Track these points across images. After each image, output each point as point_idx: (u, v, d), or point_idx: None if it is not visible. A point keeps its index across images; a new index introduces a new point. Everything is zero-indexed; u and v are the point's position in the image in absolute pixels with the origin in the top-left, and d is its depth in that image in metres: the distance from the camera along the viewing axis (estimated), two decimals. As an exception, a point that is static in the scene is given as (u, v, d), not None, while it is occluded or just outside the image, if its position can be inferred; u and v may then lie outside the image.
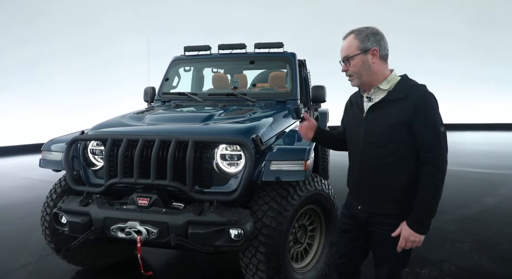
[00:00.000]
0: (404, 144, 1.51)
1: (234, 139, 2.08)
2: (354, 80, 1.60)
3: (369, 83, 1.58)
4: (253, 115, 2.61)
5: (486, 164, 6.00)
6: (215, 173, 2.15)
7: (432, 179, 1.46)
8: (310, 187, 2.30)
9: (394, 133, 1.51)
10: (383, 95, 1.56)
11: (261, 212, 2.11)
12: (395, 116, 1.50)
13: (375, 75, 1.56)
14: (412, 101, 1.47)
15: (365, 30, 1.56)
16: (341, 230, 1.80)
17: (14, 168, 6.84)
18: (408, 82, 1.56)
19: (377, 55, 1.54)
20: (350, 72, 1.59)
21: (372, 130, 1.57)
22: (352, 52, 1.56)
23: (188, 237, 1.92)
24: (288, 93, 3.37)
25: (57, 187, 2.63)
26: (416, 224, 1.50)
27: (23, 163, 7.26)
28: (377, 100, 1.57)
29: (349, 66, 1.58)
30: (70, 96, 9.00)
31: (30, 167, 6.85)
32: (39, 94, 8.62)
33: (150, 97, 3.67)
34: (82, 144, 2.38)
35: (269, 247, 2.05)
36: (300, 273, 2.31)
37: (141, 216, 1.98)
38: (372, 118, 1.57)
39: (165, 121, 2.48)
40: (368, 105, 1.60)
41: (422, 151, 1.49)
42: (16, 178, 5.96)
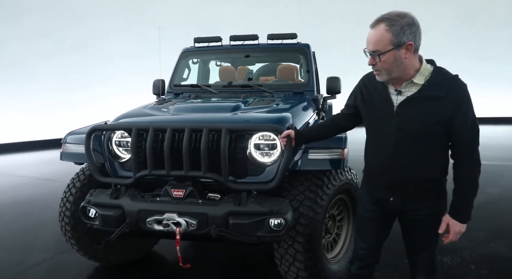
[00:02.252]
0: (440, 139, 1.50)
1: (271, 127, 2.05)
2: (382, 75, 1.48)
3: (399, 78, 1.48)
4: (279, 105, 2.58)
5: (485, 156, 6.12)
6: (249, 163, 2.11)
7: (472, 172, 1.50)
8: (342, 177, 2.29)
9: (432, 130, 1.47)
10: (416, 89, 1.47)
11: (297, 202, 2.09)
12: (435, 114, 1.45)
13: (406, 70, 1.45)
14: (454, 99, 1.43)
15: (399, 20, 1.38)
16: (369, 217, 1.72)
17: (8, 166, 6.58)
18: (443, 75, 1.48)
19: (411, 49, 1.41)
20: (378, 67, 1.46)
21: (407, 127, 1.49)
22: (383, 47, 1.40)
23: (229, 227, 1.88)
24: (304, 84, 3.35)
25: (75, 182, 2.53)
26: (462, 216, 1.54)
27: (15, 161, 7.00)
28: (410, 95, 1.48)
29: (378, 61, 1.43)
30: (54, 95, 8.72)
31: (24, 165, 6.62)
32: (23, 93, 8.32)
33: (161, 89, 3.57)
34: (106, 136, 2.29)
35: (307, 237, 2.03)
36: (332, 263, 2.30)
37: (178, 208, 1.92)
38: (406, 114, 1.49)
39: (192, 111, 2.41)
40: (399, 99, 1.51)
41: (459, 145, 1.50)
42: (12, 177, 5.74)
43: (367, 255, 1.76)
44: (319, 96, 3.35)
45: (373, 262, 1.80)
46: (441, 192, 1.59)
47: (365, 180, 1.75)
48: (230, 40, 3.74)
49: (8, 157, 7.39)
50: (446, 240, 1.58)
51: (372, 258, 1.78)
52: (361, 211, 1.77)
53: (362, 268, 1.79)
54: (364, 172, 1.75)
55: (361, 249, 1.77)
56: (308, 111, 2.82)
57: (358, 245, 1.79)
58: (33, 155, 7.55)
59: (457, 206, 1.54)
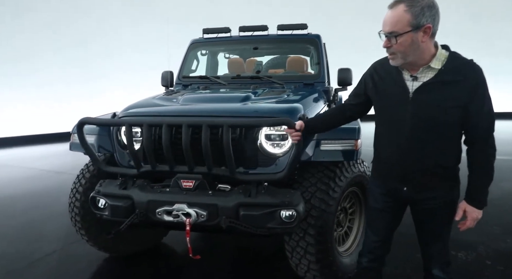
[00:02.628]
0: (455, 126, 1.46)
1: (281, 119, 2.00)
2: (397, 59, 1.43)
3: (414, 63, 1.44)
4: (290, 96, 2.53)
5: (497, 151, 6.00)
6: (260, 154, 2.07)
7: (487, 157, 1.48)
8: (355, 169, 2.24)
9: (448, 116, 1.43)
10: (433, 75, 1.44)
11: (309, 193, 2.05)
12: (452, 99, 1.41)
13: (422, 54, 1.41)
14: (471, 84, 1.40)
15: (419, 1, 1.34)
16: (380, 209, 1.68)
17: (16, 159, 6.65)
18: (459, 60, 1.44)
19: (429, 33, 1.36)
20: (393, 50, 1.41)
21: (423, 113, 1.45)
22: (401, 28, 1.35)
23: (240, 219, 1.84)
24: (315, 75, 3.28)
25: (85, 172, 2.52)
26: (479, 202, 1.52)
27: (23, 154, 7.07)
28: (426, 80, 1.44)
29: (394, 44, 1.38)
30: (63, 88, 8.75)
31: (34, 158, 6.68)
32: (27, 86, 8.37)
33: (169, 81, 3.54)
34: (116, 126, 2.27)
35: (318, 229, 1.99)
36: (344, 257, 2.26)
37: (188, 199, 1.90)
38: (422, 101, 1.44)
39: (201, 101, 2.38)
40: (414, 85, 1.46)
41: (475, 130, 1.46)
42: (20, 169, 5.80)
43: (378, 248, 1.73)
44: (330, 87, 3.28)
45: (384, 254, 1.77)
46: (455, 180, 1.56)
47: (375, 171, 1.70)
48: (239, 31, 3.68)
49: (19, 150, 7.47)
50: (463, 227, 1.56)
51: (383, 250, 1.75)
52: (372, 202, 1.72)
53: (373, 260, 1.75)
54: (374, 162, 1.71)
55: (372, 241, 1.73)
56: (319, 103, 2.76)
57: (369, 237, 1.75)
58: (44, 148, 7.62)
59: (473, 192, 1.53)
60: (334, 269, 2.10)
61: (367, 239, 1.78)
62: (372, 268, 1.77)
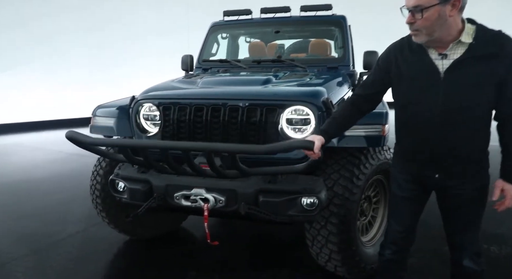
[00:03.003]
0: (489, 104, 1.36)
1: (303, 100, 1.91)
2: (421, 36, 1.32)
3: (439, 40, 1.33)
4: (313, 80, 2.42)
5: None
6: (280, 139, 1.98)
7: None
8: (381, 156, 2.12)
9: (483, 94, 1.33)
10: (463, 50, 1.33)
11: (331, 180, 1.96)
12: (488, 75, 1.31)
13: (449, 30, 1.31)
14: (506, 55, 1.29)
15: None
16: (404, 197, 1.57)
17: (45, 142, 6.87)
18: (488, 32, 1.34)
19: (458, 6, 1.27)
20: (418, 26, 1.30)
21: (457, 94, 1.34)
22: (427, 1, 1.25)
23: (259, 205, 1.78)
24: (339, 58, 3.13)
25: (105, 156, 2.52)
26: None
27: (51, 138, 7.30)
28: (458, 57, 1.33)
29: (419, 19, 1.28)
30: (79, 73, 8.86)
31: (60, 141, 6.88)
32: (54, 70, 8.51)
33: (189, 65, 3.49)
34: (134, 109, 2.24)
35: (341, 217, 1.91)
36: (367, 247, 2.17)
37: (206, 183, 1.85)
38: (455, 80, 1.33)
39: (221, 84, 2.31)
40: (444, 64, 1.35)
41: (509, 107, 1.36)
42: (49, 152, 5.99)
43: (402, 238, 1.63)
44: (355, 71, 3.13)
45: (408, 245, 1.67)
46: (486, 164, 1.48)
47: (400, 158, 1.59)
48: (260, 13, 3.56)
49: (48, 134, 7.72)
50: (501, 207, 1.46)
51: (407, 241, 1.65)
52: (395, 190, 1.61)
53: (397, 252, 1.65)
54: (398, 149, 1.60)
55: (396, 231, 1.63)
56: (343, 87, 2.63)
57: (392, 227, 1.65)
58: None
59: (510, 169, 1.42)
60: (357, 259, 2.02)
61: (390, 229, 1.67)
62: (396, 260, 1.67)
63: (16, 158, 5.68)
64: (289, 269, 2.34)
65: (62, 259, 2.51)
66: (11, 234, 2.91)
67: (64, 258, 2.53)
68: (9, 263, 2.46)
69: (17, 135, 7.54)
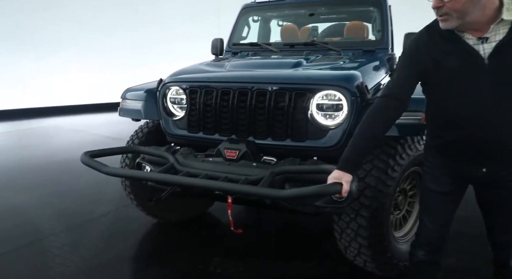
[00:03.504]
0: None
1: (335, 84, 1.78)
2: (451, 20, 1.17)
3: (474, 22, 1.17)
4: (347, 63, 2.27)
5: None
6: (310, 126, 1.88)
7: None
8: (419, 146, 1.95)
9: None
10: (506, 30, 1.16)
11: (363, 171, 1.83)
12: None
13: (483, 10, 1.15)
14: None
15: None
16: (442, 192, 1.40)
17: (84, 125, 7.18)
18: None
19: None
20: (447, 10, 1.16)
21: (504, 81, 1.19)
22: None
23: (285, 195, 1.70)
24: (377, 41, 2.92)
25: (134, 139, 2.54)
26: None
27: (90, 121, 7.61)
28: (499, 40, 1.17)
29: (447, 1, 1.14)
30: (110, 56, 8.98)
31: (97, 124, 7.15)
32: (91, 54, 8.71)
33: (219, 49, 3.41)
34: (161, 93, 2.22)
35: (372, 211, 1.79)
36: (400, 243, 2.04)
37: (231, 170, 1.79)
38: (501, 66, 1.18)
39: (249, 67, 2.22)
40: (486, 49, 1.19)
41: None
42: (86, 134, 6.24)
43: (437, 238, 1.48)
44: (393, 55, 2.92)
45: (443, 245, 1.51)
46: None
47: (438, 152, 1.41)
48: (293, -6, 3.39)
49: (88, 117, 8.05)
50: None
51: (442, 240, 1.49)
52: (431, 185, 1.44)
53: (431, 253, 1.50)
54: (435, 142, 1.41)
55: (431, 230, 1.47)
56: (380, 72, 2.45)
57: (426, 225, 1.48)
58: (108, 115, 8.08)
59: None
60: (389, 256, 1.90)
61: (423, 228, 1.51)
62: (430, 262, 1.51)
63: (55, 140, 5.98)
64: (315, 261, 2.26)
65: (93, 237, 2.59)
66: (50, 210, 3.06)
67: (96, 236, 2.62)
68: (47, 238, 2.58)
69: (58, 117, 7.92)
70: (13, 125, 7.13)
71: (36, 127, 6.96)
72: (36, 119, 7.65)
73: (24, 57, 7.83)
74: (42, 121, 7.55)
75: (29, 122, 7.38)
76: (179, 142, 2.17)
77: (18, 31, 7.71)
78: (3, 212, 3.01)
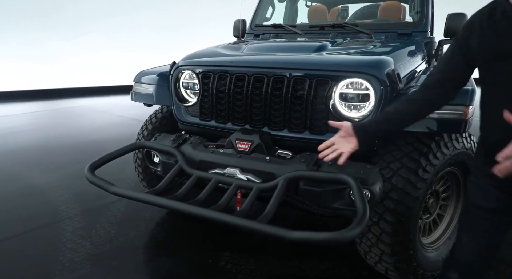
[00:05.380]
0: None
1: (363, 71, 1.57)
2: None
3: None
4: (377, 48, 2.02)
5: None
6: (331, 117, 1.68)
7: None
8: (458, 144, 1.71)
9: None
10: None
11: (390, 170, 1.62)
12: None
13: None
14: None
15: None
16: (491, 209, 1.16)
17: (112, 106, 7.29)
18: None
19: None
20: None
21: None
22: None
23: (299, 194, 1.54)
24: (414, 23, 2.62)
25: (148, 124, 2.46)
26: None
27: (117, 102, 7.71)
28: None
29: None
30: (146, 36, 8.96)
31: (122, 106, 7.23)
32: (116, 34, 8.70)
33: (241, 31, 3.22)
34: (174, 77, 2.08)
35: (398, 216, 1.58)
36: (428, 250, 1.83)
37: (241, 163, 1.65)
38: None
39: (268, 50, 2.03)
40: None
41: None
42: (113, 116, 6.32)
43: (476, 263, 1.24)
44: (433, 38, 2.61)
45: (483, 272, 1.28)
46: None
47: (490, 156, 1.13)
48: (323, -30, 3.11)
49: (115, 98, 8.17)
50: None
51: (482, 266, 1.25)
52: (477, 199, 1.20)
53: (467, 277, 1.26)
54: (486, 144, 1.18)
55: (470, 252, 1.23)
56: (416, 58, 2.18)
57: (464, 245, 1.25)
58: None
59: None
60: (415, 265, 1.70)
61: (461, 247, 1.27)
62: None
63: (84, 120, 6.09)
64: (332, 263, 2.10)
65: (106, 223, 2.57)
66: (68, 193, 3.08)
67: (108, 222, 2.59)
68: (62, 222, 2.58)
69: (87, 98, 8.09)
70: (46, 104, 7.37)
71: (66, 107, 7.15)
72: (68, 99, 7.88)
73: (54, 36, 7.99)
74: (73, 101, 7.76)
75: (61, 102, 7.60)
76: (191, 130, 2.05)
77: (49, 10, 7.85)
78: (26, 192, 3.06)
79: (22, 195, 3.01)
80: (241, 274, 2.01)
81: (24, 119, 5.94)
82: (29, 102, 7.48)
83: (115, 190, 1.54)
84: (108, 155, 1.76)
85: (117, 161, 3.49)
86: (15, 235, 2.37)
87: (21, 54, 7.75)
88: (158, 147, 1.85)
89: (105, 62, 8.67)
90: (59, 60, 8.20)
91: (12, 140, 4.66)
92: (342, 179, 1.36)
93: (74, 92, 8.34)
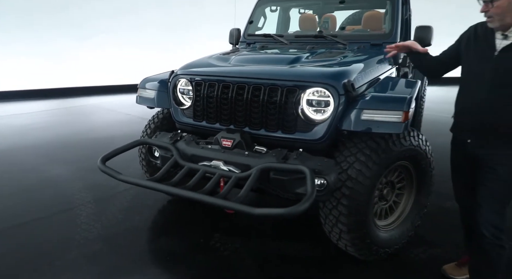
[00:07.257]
0: None
1: (324, 82, 1.91)
2: (495, 22, 1.56)
3: (508, 25, 1.54)
4: (344, 59, 2.36)
5: None
6: (299, 119, 2.04)
7: None
8: (405, 142, 2.05)
9: None
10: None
11: (347, 163, 1.97)
12: None
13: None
14: None
15: None
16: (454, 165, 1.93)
17: (120, 104, 7.68)
18: None
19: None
20: (491, 14, 1.54)
21: (505, 70, 1.55)
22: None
23: (270, 182, 1.90)
24: (385, 35, 2.94)
25: (151, 123, 2.83)
26: None
27: (126, 101, 8.11)
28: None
29: (491, 8, 1.53)
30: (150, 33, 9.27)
31: (129, 105, 7.63)
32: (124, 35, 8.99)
33: (236, 39, 3.58)
34: (172, 83, 2.46)
35: (352, 200, 1.94)
36: (383, 231, 2.18)
37: (224, 157, 2.02)
38: (506, 58, 1.55)
39: (251, 62, 2.39)
40: (503, 43, 1.57)
41: None
42: (120, 114, 6.72)
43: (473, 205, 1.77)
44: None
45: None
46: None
47: (453, 125, 1.84)
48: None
49: (124, 97, 8.57)
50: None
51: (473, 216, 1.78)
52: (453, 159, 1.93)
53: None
54: (454, 114, 1.84)
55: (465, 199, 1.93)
56: (381, 66, 2.52)
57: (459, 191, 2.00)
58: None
59: None
60: (367, 242, 2.05)
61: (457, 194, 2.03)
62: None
63: (93, 117, 6.52)
64: (308, 243, 2.46)
65: (115, 209, 2.96)
66: (82, 183, 3.48)
67: (117, 208, 2.98)
68: (76, 208, 2.98)
69: (97, 97, 8.53)
70: (58, 103, 7.81)
71: (77, 106, 7.59)
72: (78, 98, 8.32)
73: (64, 35, 8.36)
74: (83, 99, 8.19)
75: (72, 101, 8.04)
76: (186, 129, 2.42)
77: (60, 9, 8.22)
78: (44, 183, 3.47)
79: (42, 185, 3.42)
80: (228, 251, 2.38)
81: (40, 117, 6.38)
82: (43, 100, 7.94)
83: (122, 177, 1.92)
84: (117, 149, 2.14)
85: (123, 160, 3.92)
86: (38, 218, 2.77)
87: (33, 52, 8.10)
88: (158, 143, 2.23)
89: (112, 61, 9.05)
90: (70, 59, 8.60)
91: (31, 136, 5.10)
92: (300, 169, 1.72)
93: (84, 91, 8.77)
